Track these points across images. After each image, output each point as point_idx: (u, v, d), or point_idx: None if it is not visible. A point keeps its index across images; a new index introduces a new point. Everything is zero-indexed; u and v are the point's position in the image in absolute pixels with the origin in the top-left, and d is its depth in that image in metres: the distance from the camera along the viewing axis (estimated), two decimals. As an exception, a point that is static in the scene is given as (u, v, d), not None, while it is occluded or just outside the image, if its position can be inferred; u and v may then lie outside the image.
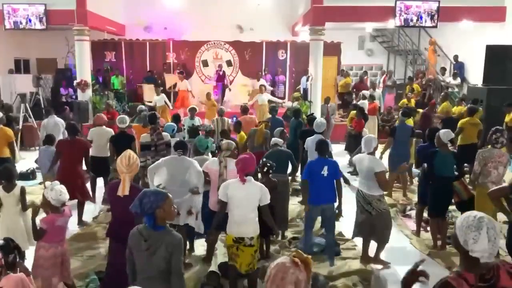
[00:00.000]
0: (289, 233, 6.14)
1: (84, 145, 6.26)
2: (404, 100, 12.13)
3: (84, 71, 12.86)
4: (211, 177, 4.87)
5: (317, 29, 12.35)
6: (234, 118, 9.85)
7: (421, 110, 10.62)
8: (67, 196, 3.97)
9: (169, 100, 14.78)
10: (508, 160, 5.49)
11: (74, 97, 13.78)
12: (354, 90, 14.12)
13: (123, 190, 3.66)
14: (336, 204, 5.08)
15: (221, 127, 8.49)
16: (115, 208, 3.91)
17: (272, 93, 15.37)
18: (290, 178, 6.87)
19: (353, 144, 9.34)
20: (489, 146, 5.45)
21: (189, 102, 14.21)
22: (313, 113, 10.22)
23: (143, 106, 9.49)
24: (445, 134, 5.56)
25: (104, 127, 7.35)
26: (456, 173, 5.63)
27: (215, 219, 4.22)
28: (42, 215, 4.18)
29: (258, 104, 12.45)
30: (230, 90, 15.13)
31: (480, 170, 5.32)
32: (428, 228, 6.21)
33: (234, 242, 4.04)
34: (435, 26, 12.18)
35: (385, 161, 9.16)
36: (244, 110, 9.34)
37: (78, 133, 6.27)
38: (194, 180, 4.78)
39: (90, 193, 7.29)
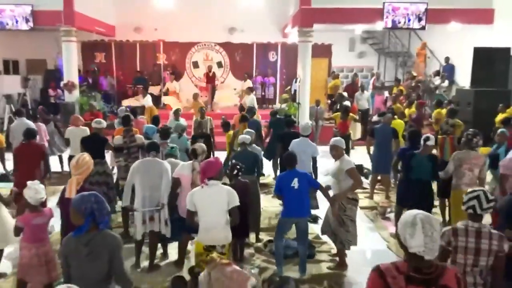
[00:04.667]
0: (265, 236, 6.09)
1: (40, 149, 6.13)
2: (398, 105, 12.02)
3: (71, 72, 12.81)
4: (182, 182, 4.80)
5: (305, 30, 12.33)
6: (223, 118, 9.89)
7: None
8: (43, 194, 3.99)
9: (159, 102, 14.83)
10: (485, 161, 5.46)
11: (63, 98, 13.71)
12: (346, 92, 14.09)
13: (69, 192, 3.62)
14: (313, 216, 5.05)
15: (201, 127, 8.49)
16: (65, 211, 3.76)
17: (263, 96, 15.42)
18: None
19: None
20: (465, 149, 5.41)
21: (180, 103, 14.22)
22: (291, 115, 10.20)
23: (123, 107, 9.45)
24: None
25: (80, 127, 7.33)
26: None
27: (187, 227, 4.13)
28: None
29: (246, 106, 12.40)
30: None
31: (454, 171, 5.29)
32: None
33: (204, 250, 3.91)
34: (423, 28, 12.16)
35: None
36: (241, 109, 9.45)
37: (34, 138, 6.14)
38: (162, 188, 4.72)
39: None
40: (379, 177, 8.03)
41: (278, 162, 7.82)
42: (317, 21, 12.13)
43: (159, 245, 5.50)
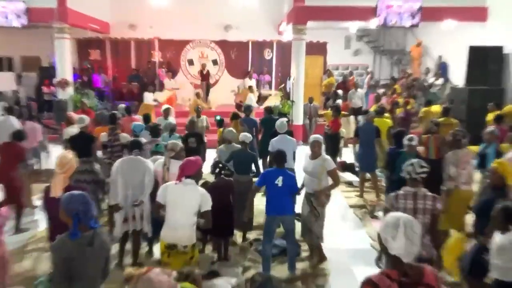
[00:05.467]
0: (253, 235, 6.07)
1: (20, 151, 6.10)
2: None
3: (64, 69, 12.77)
4: (158, 179, 4.79)
5: (299, 28, 12.27)
6: (218, 117, 9.84)
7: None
8: None
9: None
10: (473, 157, 5.45)
11: (57, 95, 13.67)
12: (338, 90, 14.07)
13: (55, 191, 3.57)
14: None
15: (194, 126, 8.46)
16: (51, 211, 3.70)
17: (258, 94, 15.40)
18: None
19: (330, 144, 9.30)
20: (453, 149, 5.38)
21: (176, 101, 14.20)
22: (285, 113, 10.20)
23: (122, 105, 9.48)
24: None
25: (75, 126, 7.26)
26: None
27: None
28: None
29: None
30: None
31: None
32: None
33: (166, 248, 3.84)
34: (417, 26, 12.12)
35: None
36: (238, 107, 9.40)
37: (21, 140, 6.12)
38: (145, 186, 4.74)
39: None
40: (368, 175, 8.02)
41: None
42: (310, 19, 12.09)
43: (145, 243, 5.51)
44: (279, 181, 4.71)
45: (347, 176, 9.01)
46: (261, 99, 15.66)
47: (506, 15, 11.31)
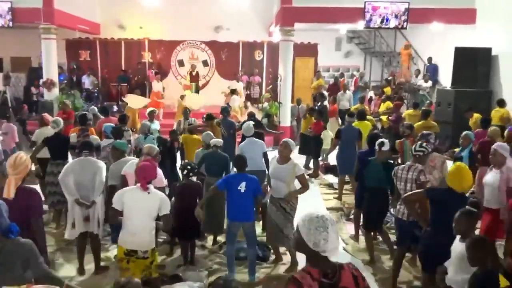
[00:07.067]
0: (223, 237, 6.00)
1: None
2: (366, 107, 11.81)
3: (50, 70, 12.73)
4: (128, 181, 4.70)
5: (287, 29, 12.21)
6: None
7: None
8: None
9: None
10: (443, 162, 5.35)
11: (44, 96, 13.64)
12: (328, 92, 13.99)
13: (8, 192, 3.51)
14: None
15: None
16: None
17: (248, 95, 15.35)
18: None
19: (313, 146, 9.24)
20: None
21: (162, 104, 14.13)
22: (272, 115, 10.10)
23: (93, 107, 9.40)
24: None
25: (48, 127, 7.17)
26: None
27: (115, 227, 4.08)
28: None
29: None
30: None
31: None
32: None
33: (125, 255, 3.75)
34: (404, 28, 12.06)
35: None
36: (223, 110, 9.37)
37: None
38: (95, 187, 4.69)
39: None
40: (348, 178, 7.94)
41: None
42: (298, 20, 12.02)
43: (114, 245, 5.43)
44: (242, 187, 4.65)
45: (329, 178, 8.94)
46: (251, 100, 15.63)
47: (494, 17, 11.25)
